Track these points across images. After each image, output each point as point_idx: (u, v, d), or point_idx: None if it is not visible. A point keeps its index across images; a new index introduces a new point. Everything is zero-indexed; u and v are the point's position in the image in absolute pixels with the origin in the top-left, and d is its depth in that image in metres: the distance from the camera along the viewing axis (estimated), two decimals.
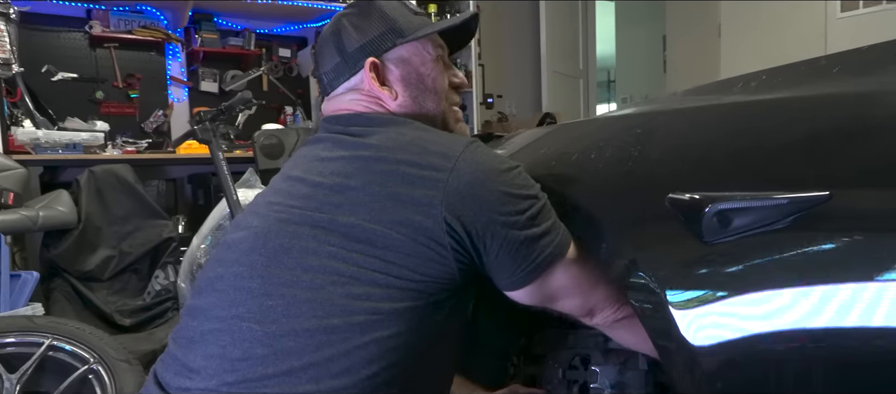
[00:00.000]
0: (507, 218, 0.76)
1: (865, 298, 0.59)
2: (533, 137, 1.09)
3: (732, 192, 0.69)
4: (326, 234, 0.77)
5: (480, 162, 0.78)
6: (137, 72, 3.72)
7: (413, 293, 0.76)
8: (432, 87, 0.93)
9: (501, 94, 5.42)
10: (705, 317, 0.68)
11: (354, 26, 0.92)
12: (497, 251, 0.77)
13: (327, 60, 0.94)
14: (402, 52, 0.92)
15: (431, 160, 0.77)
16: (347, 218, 0.77)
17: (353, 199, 0.78)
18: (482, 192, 0.76)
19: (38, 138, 2.96)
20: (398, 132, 0.83)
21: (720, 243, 0.68)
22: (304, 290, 0.76)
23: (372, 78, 0.90)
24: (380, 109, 0.91)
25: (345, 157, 0.83)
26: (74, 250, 2.67)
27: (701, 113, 0.84)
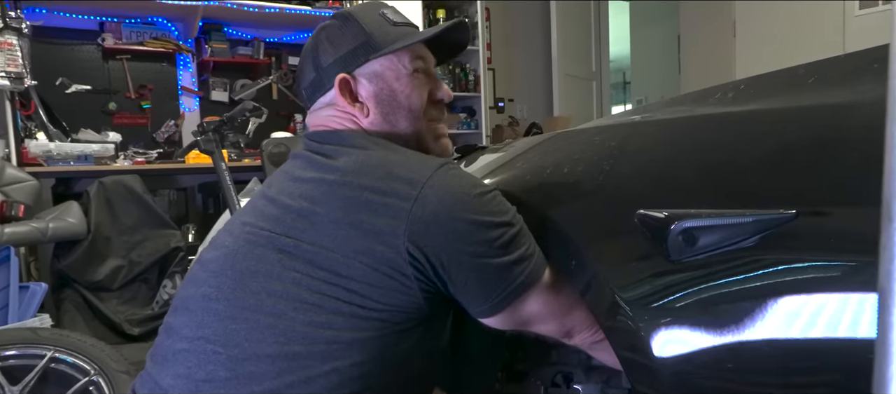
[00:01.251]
0: (475, 248, 0.73)
1: (827, 315, 0.57)
2: (514, 150, 1.07)
3: (700, 209, 0.66)
4: (291, 259, 0.76)
5: (448, 188, 0.74)
6: (149, 83, 3.77)
7: (376, 323, 0.74)
8: (406, 104, 0.89)
9: (512, 97, 5.39)
10: (671, 334, 0.66)
11: (330, 40, 0.89)
12: (464, 281, 0.75)
13: (306, 75, 0.92)
14: (375, 67, 0.88)
15: (396, 187, 0.74)
16: (312, 245, 0.75)
17: (317, 225, 0.76)
18: (448, 221, 0.73)
19: (51, 151, 3.01)
20: (367, 155, 0.80)
21: (686, 261, 0.66)
22: (267, 315, 0.75)
23: (343, 95, 0.88)
24: (354, 125, 0.89)
25: (314, 179, 0.81)
26: (84, 261, 2.71)
27: (674, 126, 0.81)
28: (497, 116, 5.24)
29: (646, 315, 0.68)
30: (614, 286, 0.71)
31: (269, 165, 3.24)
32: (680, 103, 0.89)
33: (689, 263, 0.66)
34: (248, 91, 3.91)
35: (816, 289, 0.58)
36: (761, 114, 0.72)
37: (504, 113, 5.29)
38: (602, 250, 0.76)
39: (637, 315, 0.69)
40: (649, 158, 0.80)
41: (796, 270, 0.60)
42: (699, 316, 0.65)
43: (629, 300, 0.70)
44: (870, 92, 0.64)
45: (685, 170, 0.74)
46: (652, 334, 0.67)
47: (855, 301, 0.55)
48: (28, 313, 2.25)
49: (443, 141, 0.96)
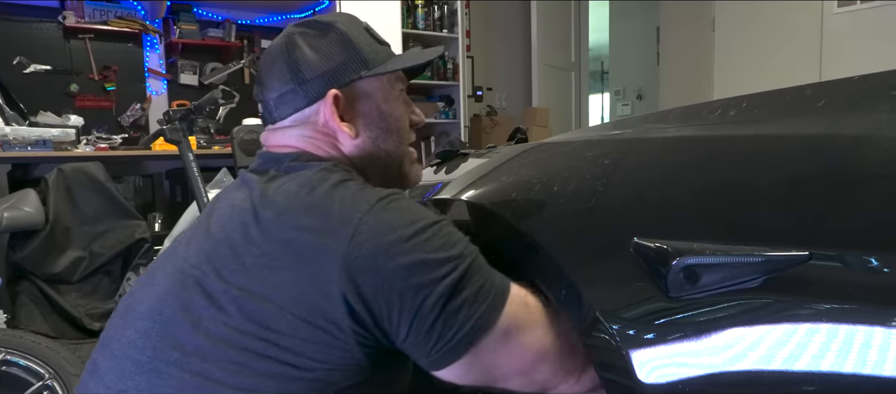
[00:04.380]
0: (416, 291, 0.65)
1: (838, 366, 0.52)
2: (499, 159, 1.01)
3: (702, 242, 0.61)
4: (220, 310, 0.68)
5: (386, 225, 0.66)
6: (114, 64, 3.63)
7: (313, 384, 0.66)
8: (395, 126, 0.84)
9: (491, 86, 5.33)
10: (667, 373, 0.61)
11: (314, 49, 0.80)
12: (407, 331, 0.66)
13: (276, 85, 0.81)
14: (366, 86, 0.82)
15: (332, 225, 0.66)
16: (241, 291, 0.67)
17: (249, 268, 0.68)
18: (385, 262, 0.65)
19: (6, 135, 2.87)
20: (311, 188, 0.71)
21: (686, 298, 0.61)
22: (192, 374, 0.67)
23: (332, 112, 0.79)
24: (332, 149, 0.81)
25: (254, 214, 0.71)
26: (42, 252, 2.58)
27: (675, 145, 0.76)
28: (475, 104, 5.18)
29: (637, 348, 0.63)
30: (605, 317, 0.66)
31: (239, 152, 3.14)
32: (675, 119, 0.84)
33: (689, 300, 0.61)
34: (219, 75, 3.79)
35: (827, 338, 0.54)
36: (768, 140, 0.67)
37: (482, 102, 5.23)
38: (593, 278, 0.71)
39: (630, 353, 0.64)
40: (646, 179, 0.74)
41: (805, 317, 0.55)
42: (699, 357, 0.61)
43: (622, 336, 0.65)
44: (888, 123, 0.59)
45: (685, 195, 0.69)
46: (646, 371, 0.62)
47: (873, 353, 0.51)
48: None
49: (416, 166, 0.90)
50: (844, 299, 0.54)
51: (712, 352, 0.59)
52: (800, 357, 0.54)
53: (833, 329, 0.53)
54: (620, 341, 0.65)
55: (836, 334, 0.53)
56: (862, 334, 0.52)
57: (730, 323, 0.59)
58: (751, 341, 0.57)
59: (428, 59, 0.86)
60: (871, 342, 0.51)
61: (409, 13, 4.45)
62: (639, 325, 0.65)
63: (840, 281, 0.54)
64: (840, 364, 0.52)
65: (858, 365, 0.51)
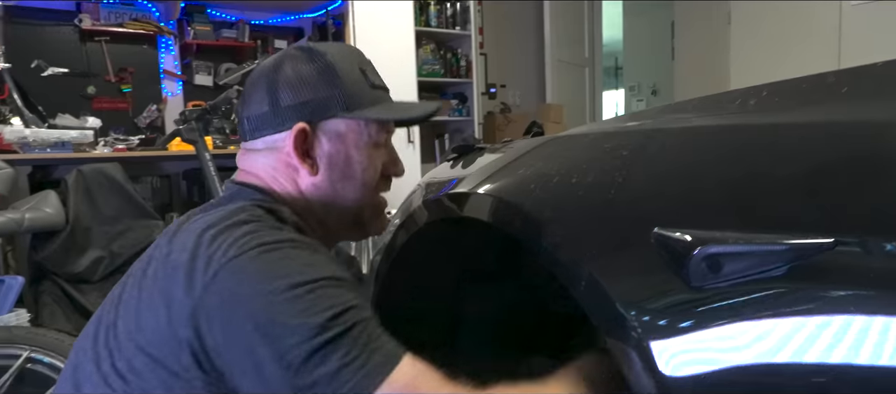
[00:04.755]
0: (260, 352, 0.59)
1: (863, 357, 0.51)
2: (515, 152, 1.01)
3: (724, 231, 0.61)
4: (103, 361, 0.69)
5: (249, 275, 0.61)
6: (130, 65, 3.66)
7: None
8: (360, 176, 0.81)
9: (504, 83, 5.32)
10: (689, 366, 0.61)
11: (297, 78, 0.78)
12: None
13: (254, 105, 0.80)
14: (339, 126, 0.79)
15: (197, 267, 0.63)
16: (121, 328, 0.69)
17: (129, 303, 0.69)
18: (232, 314, 0.61)
19: (26, 137, 2.91)
20: (208, 227, 0.68)
21: (709, 288, 0.61)
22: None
23: (295, 145, 0.78)
24: (290, 184, 0.80)
25: (163, 249, 0.70)
26: (63, 252, 2.62)
27: (694, 135, 0.76)
28: (489, 102, 5.17)
29: (659, 339, 0.63)
30: (625, 307, 0.66)
31: None
32: (696, 109, 0.84)
33: (711, 289, 0.61)
34: (233, 75, 3.81)
35: (852, 328, 0.53)
36: (791, 128, 0.66)
37: (496, 99, 5.22)
38: (613, 270, 0.71)
39: (649, 338, 0.63)
40: (666, 170, 0.74)
41: (830, 306, 0.55)
42: (716, 344, 0.60)
43: (642, 324, 0.65)
44: None
45: (706, 185, 0.69)
46: (665, 358, 0.62)
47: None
48: (4, 308, 2.16)
49: (381, 219, 0.87)
50: (872, 286, 0.53)
51: (736, 343, 0.59)
52: (826, 347, 0.54)
53: (861, 318, 0.53)
54: (641, 333, 0.64)
55: (864, 322, 0.53)
56: (892, 322, 0.51)
57: (754, 312, 0.59)
58: (775, 331, 0.57)
59: (412, 117, 0.83)
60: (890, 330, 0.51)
61: (422, 11, 4.45)
62: (660, 317, 0.65)
63: (867, 268, 0.53)
64: (869, 354, 0.52)
65: (890, 355, 0.51)
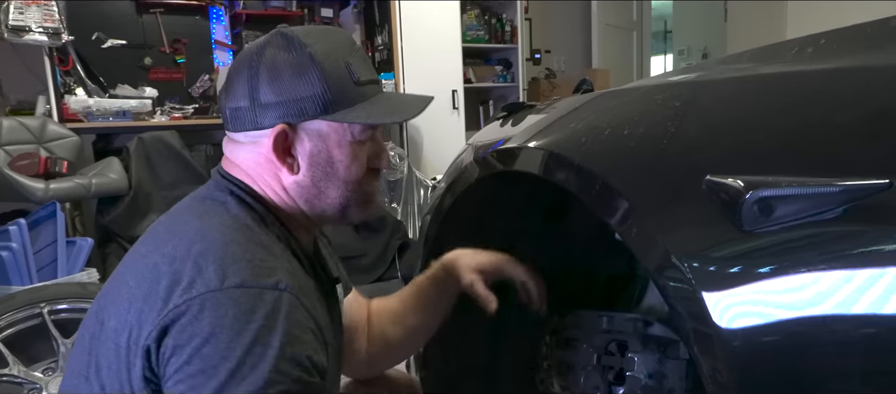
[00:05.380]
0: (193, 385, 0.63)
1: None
2: (565, 108, 1.02)
3: (776, 176, 0.61)
4: (88, 354, 0.72)
5: (219, 317, 0.64)
6: (183, 37, 3.76)
7: None
8: (343, 175, 0.79)
9: (549, 49, 5.25)
10: (740, 310, 0.62)
11: (277, 72, 0.75)
12: None
13: (234, 97, 0.77)
14: (321, 126, 0.77)
15: (179, 283, 0.66)
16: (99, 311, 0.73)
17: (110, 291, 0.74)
18: (187, 344, 0.63)
19: (90, 107, 3.05)
20: (193, 243, 0.70)
21: (760, 232, 0.61)
22: (75, 374, 0.74)
23: (275, 146, 0.76)
24: (273, 180, 0.79)
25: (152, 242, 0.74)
26: (126, 216, 2.76)
27: (746, 84, 0.75)
28: (533, 68, 5.12)
29: (712, 287, 0.64)
30: (678, 255, 0.67)
31: None
32: (751, 60, 0.83)
33: (763, 233, 0.62)
34: None
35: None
36: (847, 72, 0.66)
37: (541, 65, 5.16)
38: (666, 218, 0.72)
39: (702, 286, 0.65)
40: (719, 119, 0.74)
41: (887, 246, 0.55)
42: (770, 290, 0.61)
43: (694, 270, 0.66)
44: None
45: (759, 133, 0.69)
46: (718, 306, 0.63)
47: None
48: (76, 268, 2.30)
49: (370, 207, 0.85)
50: None
51: (789, 288, 0.60)
52: (882, 293, 0.54)
53: None
54: (695, 282, 0.66)
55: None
56: None
57: (807, 256, 0.59)
58: (829, 276, 0.57)
59: (394, 120, 0.82)
60: None
61: None
62: (713, 265, 0.66)
63: None
64: None
65: None
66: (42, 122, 2.85)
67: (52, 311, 1.75)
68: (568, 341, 1.05)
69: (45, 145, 2.81)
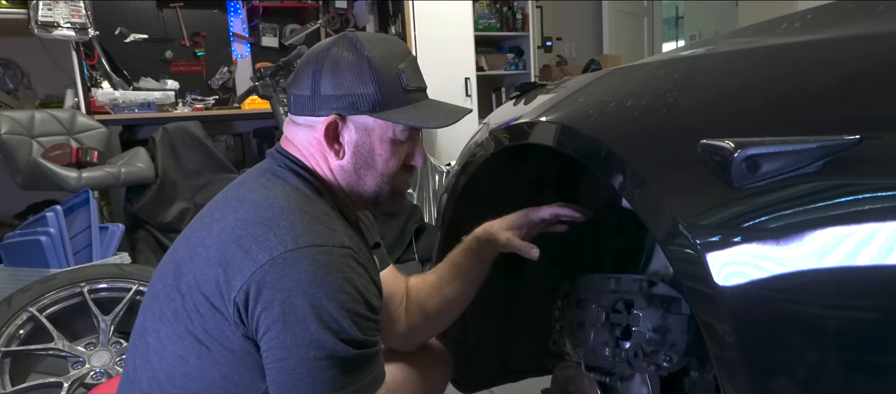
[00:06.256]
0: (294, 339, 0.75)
1: (893, 239, 0.59)
2: (574, 86, 1.10)
3: (762, 137, 0.69)
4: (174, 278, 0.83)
5: (300, 272, 0.75)
6: (202, 30, 3.86)
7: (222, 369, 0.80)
8: (381, 168, 0.90)
9: (560, 36, 5.29)
10: (735, 260, 0.69)
11: (338, 70, 0.86)
12: (267, 362, 0.77)
13: (300, 85, 0.89)
14: (368, 122, 0.88)
15: (267, 241, 0.77)
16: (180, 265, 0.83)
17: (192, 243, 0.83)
18: (274, 298, 0.74)
19: (116, 99, 3.15)
20: (270, 207, 0.82)
21: (749, 188, 0.69)
22: (157, 336, 0.84)
23: (327, 133, 0.88)
24: (322, 160, 0.90)
25: (227, 206, 0.85)
26: (154, 203, 2.86)
27: (737, 57, 0.83)
28: (545, 55, 5.17)
29: (708, 242, 0.71)
30: (678, 216, 0.74)
31: None
32: (744, 35, 0.90)
33: (752, 189, 0.69)
34: (298, 36, 3.97)
35: (882, 215, 0.60)
36: (826, 43, 0.73)
37: (552, 52, 5.21)
38: (666, 181, 0.79)
39: (699, 242, 0.72)
40: (713, 89, 0.82)
41: (860, 196, 0.62)
42: (761, 242, 0.68)
43: (692, 228, 0.73)
44: None
45: (749, 100, 0.76)
46: (713, 260, 0.70)
47: None
48: (109, 253, 2.41)
49: (398, 200, 0.97)
50: None
51: (776, 241, 0.66)
52: (860, 242, 0.61)
53: (886, 207, 0.60)
54: (692, 237, 0.72)
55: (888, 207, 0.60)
56: None
57: (792, 209, 0.66)
58: (812, 227, 0.64)
59: (433, 125, 0.91)
60: None
61: None
62: (705, 216, 0.73)
63: (891, 159, 0.60)
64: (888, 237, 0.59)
65: None
66: (71, 114, 2.96)
67: (91, 290, 1.85)
68: (579, 303, 1.13)
69: (75, 136, 2.92)
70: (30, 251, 2.22)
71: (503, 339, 1.47)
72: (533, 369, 1.50)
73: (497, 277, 1.20)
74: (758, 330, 0.69)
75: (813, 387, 0.67)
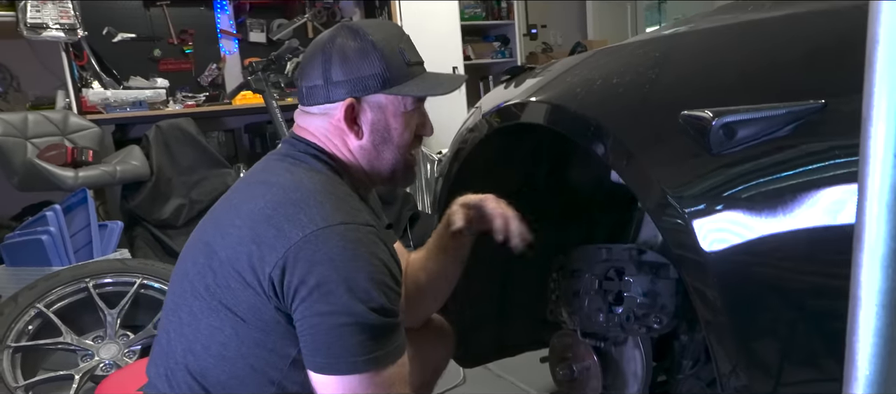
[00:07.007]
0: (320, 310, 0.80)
1: None
2: (562, 67, 1.15)
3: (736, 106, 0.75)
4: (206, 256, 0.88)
5: (332, 247, 0.80)
6: (190, 27, 3.87)
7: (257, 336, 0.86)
8: (397, 140, 0.96)
9: (545, 24, 5.35)
10: (719, 226, 0.74)
11: (345, 56, 0.92)
12: (301, 330, 0.82)
13: (310, 77, 0.94)
14: (381, 99, 0.94)
15: (300, 219, 0.82)
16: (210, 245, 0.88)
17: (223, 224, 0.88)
18: (308, 272, 0.79)
19: (108, 98, 3.17)
20: (297, 188, 0.87)
21: (727, 154, 0.75)
22: (190, 312, 0.89)
23: (345, 116, 0.93)
24: (340, 143, 0.96)
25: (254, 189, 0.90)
26: (150, 201, 2.89)
27: (713, 34, 0.89)
28: (530, 42, 5.22)
29: (694, 211, 0.76)
30: (665, 186, 0.80)
31: None
32: (720, 13, 0.96)
33: (730, 155, 0.75)
34: (285, 30, 4.00)
35: (847, 173, 0.66)
36: (793, 19, 0.79)
37: (537, 40, 5.27)
38: (651, 153, 0.85)
39: (686, 211, 0.76)
40: (691, 65, 0.88)
41: (827, 155, 0.68)
42: (741, 206, 0.73)
43: (678, 197, 0.78)
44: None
45: (724, 74, 0.82)
46: (700, 227, 0.75)
47: None
48: (108, 250, 2.45)
49: (410, 173, 1.02)
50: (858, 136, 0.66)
51: (754, 202, 0.72)
52: (828, 194, 0.67)
53: (854, 163, 0.65)
54: (679, 207, 0.77)
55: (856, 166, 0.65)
56: None
57: (766, 170, 0.72)
58: (787, 188, 0.70)
59: (440, 92, 0.97)
60: None
61: None
62: (689, 185, 0.78)
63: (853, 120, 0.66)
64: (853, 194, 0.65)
65: None
66: (64, 115, 2.98)
67: (97, 285, 1.89)
68: (573, 273, 1.19)
69: (69, 137, 2.94)
70: (31, 251, 2.25)
71: (500, 315, 1.53)
72: (529, 343, 1.56)
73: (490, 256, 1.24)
74: (743, 293, 0.74)
75: (796, 344, 0.73)
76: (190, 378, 0.88)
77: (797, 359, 0.73)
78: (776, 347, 0.75)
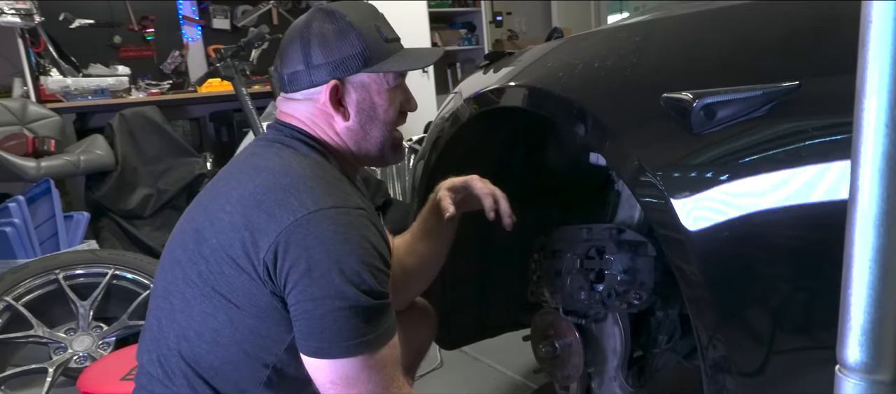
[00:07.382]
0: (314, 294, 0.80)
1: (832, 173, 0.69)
2: (541, 52, 1.18)
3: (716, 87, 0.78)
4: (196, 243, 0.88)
5: (322, 231, 0.81)
6: (151, 13, 3.78)
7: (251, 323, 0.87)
8: (383, 117, 0.97)
9: (510, 11, 5.38)
10: (699, 205, 0.77)
11: (325, 39, 0.92)
12: (294, 313, 0.83)
13: (291, 63, 0.94)
14: (363, 79, 0.94)
15: (290, 203, 0.83)
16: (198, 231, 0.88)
17: (212, 211, 0.88)
18: (303, 255, 0.80)
19: (68, 86, 3.08)
20: (286, 173, 0.87)
21: (708, 134, 0.78)
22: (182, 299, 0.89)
23: (330, 98, 0.93)
24: (327, 126, 0.96)
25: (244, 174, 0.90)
26: (115, 191, 2.83)
27: (691, 19, 0.92)
28: (496, 30, 5.25)
29: (675, 189, 0.79)
30: (647, 165, 0.83)
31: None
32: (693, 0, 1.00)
33: (710, 135, 0.78)
34: (250, 17, 3.92)
35: (820, 150, 0.70)
36: (768, 4, 0.83)
37: (503, 27, 5.30)
38: (634, 134, 0.89)
39: (667, 190, 0.79)
40: (671, 49, 0.91)
41: (802, 134, 0.72)
42: (721, 184, 0.76)
43: (659, 177, 0.81)
44: None
45: (703, 57, 0.86)
46: (680, 206, 0.78)
47: None
48: (75, 241, 2.39)
49: (399, 149, 1.03)
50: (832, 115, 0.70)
51: (734, 180, 0.75)
52: (804, 170, 0.71)
53: (829, 141, 0.70)
54: (661, 186, 0.81)
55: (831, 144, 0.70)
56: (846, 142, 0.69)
57: (745, 149, 0.76)
58: (765, 166, 0.73)
59: (420, 66, 0.99)
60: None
61: None
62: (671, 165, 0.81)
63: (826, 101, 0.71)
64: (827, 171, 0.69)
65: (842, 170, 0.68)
66: (22, 103, 2.88)
67: (67, 276, 1.86)
68: (555, 253, 1.22)
69: (28, 126, 2.85)
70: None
71: (481, 296, 1.56)
72: (510, 324, 1.60)
73: (471, 239, 1.27)
74: (722, 268, 0.78)
75: (773, 316, 0.76)
76: (183, 364, 0.89)
77: (774, 331, 0.78)
78: (754, 319, 0.79)
